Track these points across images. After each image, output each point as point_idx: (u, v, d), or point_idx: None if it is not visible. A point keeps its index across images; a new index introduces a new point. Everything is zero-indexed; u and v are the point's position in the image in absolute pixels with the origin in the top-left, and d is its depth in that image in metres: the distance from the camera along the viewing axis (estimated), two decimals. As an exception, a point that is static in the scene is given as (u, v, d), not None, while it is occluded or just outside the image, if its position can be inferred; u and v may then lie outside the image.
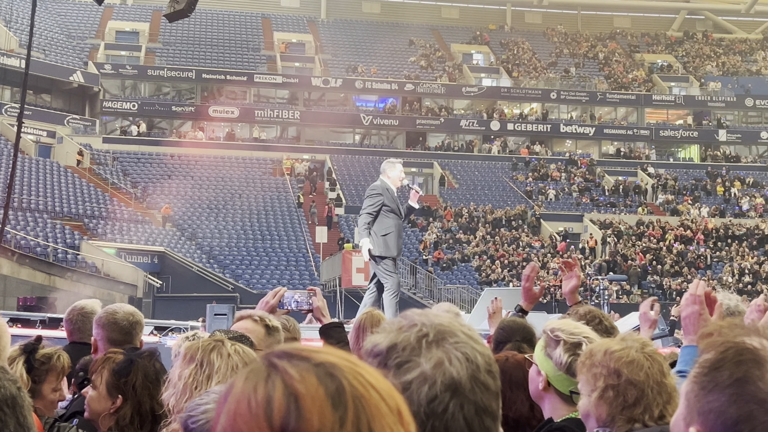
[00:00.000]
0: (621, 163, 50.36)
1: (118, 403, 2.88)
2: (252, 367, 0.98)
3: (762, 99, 53.09)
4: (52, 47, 48.36)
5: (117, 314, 3.85)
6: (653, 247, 41.11)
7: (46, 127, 44.72)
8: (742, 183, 48.28)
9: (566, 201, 45.61)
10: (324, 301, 4.56)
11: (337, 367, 0.96)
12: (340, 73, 52.03)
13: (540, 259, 39.24)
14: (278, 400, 0.93)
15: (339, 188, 44.61)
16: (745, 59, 58.46)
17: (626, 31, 61.30)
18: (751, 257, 40.86)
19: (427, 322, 1.31)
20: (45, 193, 38.12)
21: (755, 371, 1.11)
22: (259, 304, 4.52)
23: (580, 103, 53.53)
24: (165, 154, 45.48)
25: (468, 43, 58.04)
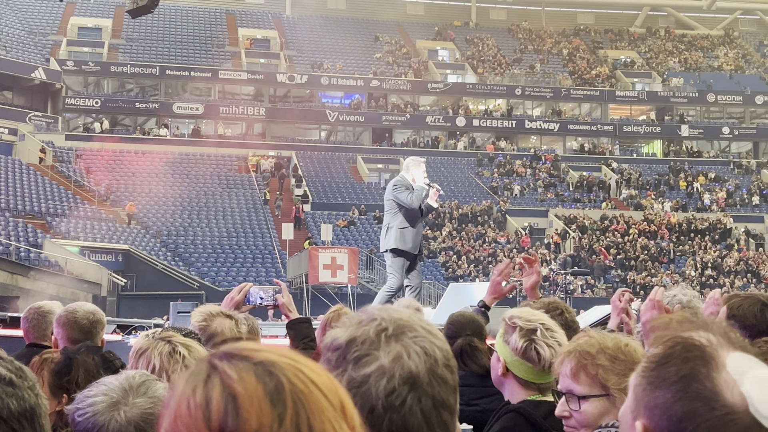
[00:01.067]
0: (585, 159, 50.75)
1: (64, 402, 2.86)
2: (193, 369, 0.99)
3: (723, 95, 53.75)
4: (14, 44, 47.72)
5: (77, 313, 3.82)
6: (617, 242, 41.51)
7: (8, 125, 44.13)
8: (705, 178, 48.87)
9: (531, 196, 45.90)
10: (290, 296, 4.55)
11: (277, 365, 0.97)
12: (306, 70, 51.88)
13: (506, 254, 39.45)
14: (216, 400, 0.93)
15: (305, 185, 44.51)
16: (706, 55, 59.14)
17: (590, 27, 61.76)
18: (713, 251, 41.40)
19: (387, 316, 1.32)
20: (7, 191, 37.62)
21: (701, 369, 1.11)
22: (225, 300, 4.50)
23: (544, 99, 53.85)
24: (129, 151, 45.07)
25: (433, 40, 58.14)
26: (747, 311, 2.86)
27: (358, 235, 40.24)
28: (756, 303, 2.88)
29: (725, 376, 1.10)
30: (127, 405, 1.99)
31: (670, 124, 52.90)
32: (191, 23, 55.69)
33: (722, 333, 1.17)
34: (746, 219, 44.69)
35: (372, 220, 42.14)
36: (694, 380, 1.11)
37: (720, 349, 1.14)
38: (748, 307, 2.87)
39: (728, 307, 2.92)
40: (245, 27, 56.30)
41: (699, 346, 1.14)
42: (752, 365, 1.12)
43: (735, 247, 42.13)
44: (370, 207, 42.93)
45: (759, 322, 2.82)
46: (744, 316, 2.85)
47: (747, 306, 2.88)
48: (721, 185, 48.21)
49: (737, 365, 1.11)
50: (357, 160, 48.42)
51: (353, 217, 41.78)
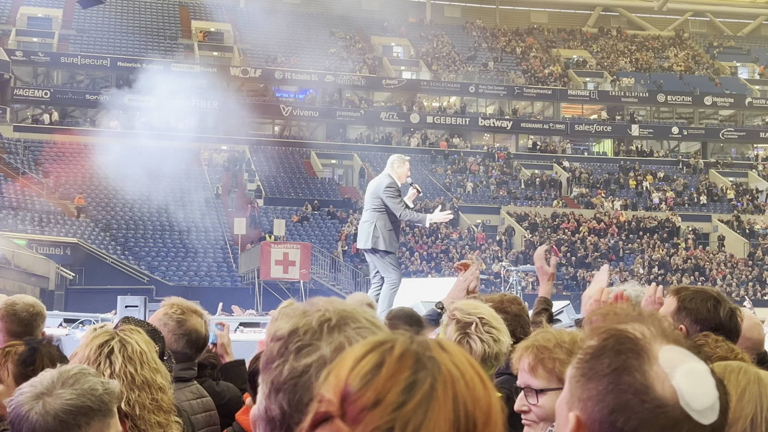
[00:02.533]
0: (537, 157, 51.20)
1: None
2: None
3: (673, 95, 54.56)
4: (-40, 32, 46.72)
5: (17, 305, 3.76)
6: (568, 239, 41.95)
7: (-47, 115, 43.21)
8: (654, 177, 49.58)
9: (484, 194, 46.18)
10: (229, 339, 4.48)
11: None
12: (260, 63, 51.56)
13: (458, 251, 39.67)
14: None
15: (258, 179, 44.26)
16: (657, 56, 59.98)
17: (543, 26, 62.28)
18: (662, 249, 42.05)
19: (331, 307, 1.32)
20: (-49, 182, 36.84)
21: (633, 361, 1.13)
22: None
23: (498, 97, 54.18)
24: (78, 143, 44.40)
25: (388, 36, 58.15)
26: (700, 305, 2.89)
27: (311, 231, 40.14)
28: (709, 298, 2.91)
29: (657, 369, 1.12)
30: (50, 396, 1.99)
31: (620, 123, 53.57)
32: (143, 15, 55.00)
33: (657, 325, 1.19)
34: (694, 218, 45.45)
35: (325, 216, 42.07)
36: (626, 373, 1.12)
37: (653, 342, 1.15)
38: (701, 301, 2.90)
39: (679, 299, 2.94)
40: (198, 20, 55.77)
41: (632, 338, 1.16)
42: (684, 358, 1.14)
43: (682, 245, 42.83)
44: (323, 202, 42.86)
45: (712, 317, 2.86)
46: (697, 310, 2.88)
47: (700, 300, 2.91)
48: (669, 184, 48.96)
49: (669, 358, 1.13)
50: (311, 155, 48.28)
51: (306, 213, 41.67)
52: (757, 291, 38.48)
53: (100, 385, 2.05)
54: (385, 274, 9.44)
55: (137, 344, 2.56)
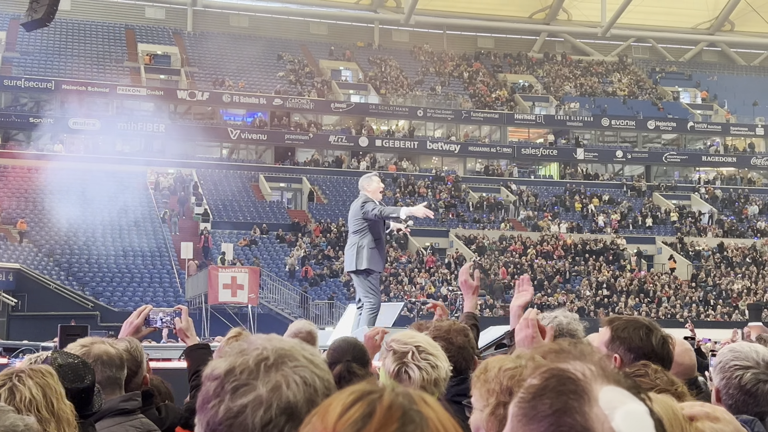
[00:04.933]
0: (485, 180, 51.64)
1: None
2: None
3: (617, 119, 55.51)
4: None
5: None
6: (516, 262, 42.29)
7: None
8: (599, 200, 50.29)
9: (433, 217, 46.31)
10: (190, 320, 4.46)
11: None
12: (207, 87, 51.32)
13: (407, 274, 39.74)
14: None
15: (206, 203, 43.91)
16: (601, 81, 61.03)
17: (490, 51, 63.03)
18: (607, 271, 42.59)
19: (269, 345, 1.31)
20: None
21: (574, 403, 1.12)
22: (124, 325, 4.38)
23: (446, 121, 54.61)
24: (21, 167, 43.65)
25: (336, 60, 58.36)
26: (632, 334, 2.95)
27: (259, 254, 39.89)
28: (641, 327, 2.98)
29: (597, 411, 1.11)
30: None
31: (566, 147, 54.32)
32: (89, 38, 54.45)
33: (597, 365, 1.19)
34: (638, 240, 46.15)
35: (274, 239, 41.86)
36: (566, 414, 1.12)
37: (594, 382, 1.15)
38: (633, 330, 2.96)
39: (612, 329, 2.99)
40: (145, 42, 55.39)
41: (573, 379, 1.15)
42: (624, 400, 1.14)
43: (627, 267, 43.44)
44: (272, 226, 42.66)
45: (644, 345, 2.91)
46: (630, 339, 2.94)
47: (632, 329, 2.97)
48: (614, 207, 49.69)
49: (609, 400, 1.13)
50: (259, 178, 48.08)
51: (255, 236, 41.42)
52: (701, 312, 39.13)
53: (21, 421, 1.99)
54: (365, 298, 9.47)
55: (29, 391, 2.47)
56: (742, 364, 2.97)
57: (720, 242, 46.47)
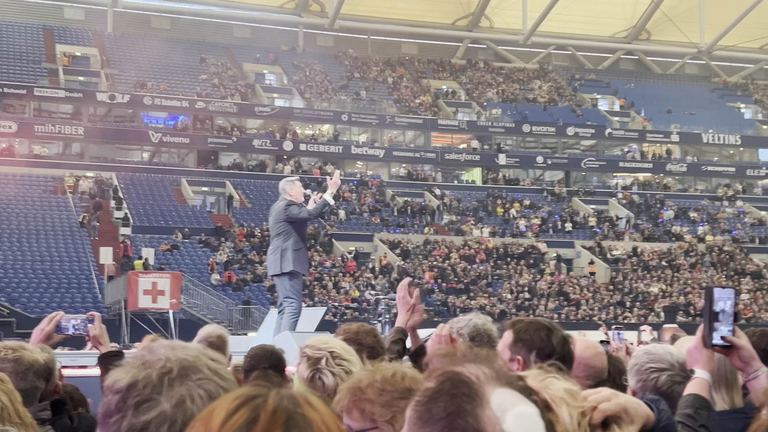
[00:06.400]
0: (409, 185, 51.88)
1: None
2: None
3: (538, 125, 56.38)
4: None
5: None
6: (439, 266, 42.61)
7: None
8: (520, 205, 51.01)
9: (357, 221, 46.43)
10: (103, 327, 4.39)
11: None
12: (128, 89, 50.41)
13: (332, 278, 39.68)
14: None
15: (126, 207, 43.11)
16: (522, 87, 61.93)
17: (413, 57, 63.40)
18: (528, 275, 43.22)
19: (173, 356, 1.29)
20: None
21: (467, 405, 1.16)
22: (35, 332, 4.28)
23: (370, 126, 54.72)
24: (-68, 169, 42.24)
25: (260, 63, 57.95)
26: (534, 336, 3.03)
27: (181, 259, 39.34)
28: (542, 328, 3.06)
29: (489, 413, 1.15)
30: None
31: (488, 152, 54.94)
32: (5, 38, 52.96)
33: (491, 367, 1.23)
34: (558, 244, 46.94)
35: (196, 244, 41.34)
36: (459, 417, 1.15)
37: (487, 385, 1.19)
38: (534, 331, 3.04)
39: (514, 331, 3.06)
40: (64, 44, 54.13)
41: (467, 382, 1.19)
42: (515, 402, 1.18)
43: (547, 270, 44.15)
44: (194, 230, 42.12)
45: (545, 346, 3.00)
46: (531, 340, 3.02)
47: (533, 330, 3.05)
48: (535, 212, 50.45)
49: (501, 402, 1.17)
50: (181, 182, 47.42)
51: (176, 241, 40.83)
52: (618, 315, 40.00)
53: None
54: (286, 303, 9.41)
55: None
56: (658, 366, 3.05)
57: (636, 246, 47.60)
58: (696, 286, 43.50)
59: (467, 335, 3.65)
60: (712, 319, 2.77)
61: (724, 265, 46.74)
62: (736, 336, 2.80)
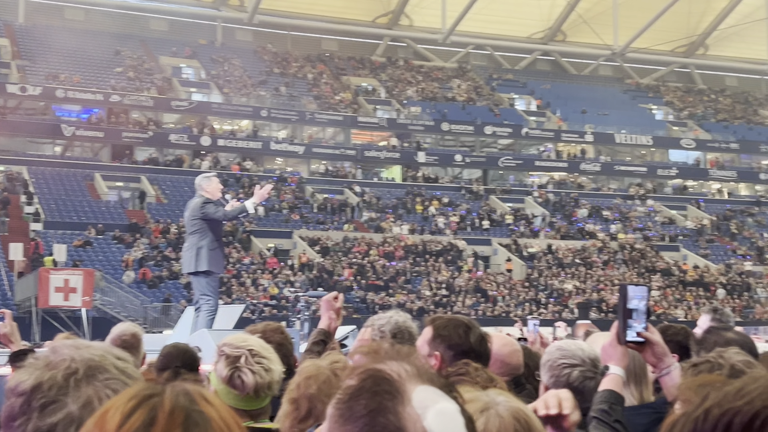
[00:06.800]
0: (329, 182, 51.83)
1: None
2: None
3: (456, 124, 56.95)
4: None
5: None
6: (359, 263, 42.68)
7: None
8: (439, 202, 51.46)
9: (276, 218, 46.16)
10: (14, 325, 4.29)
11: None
12: (40, 81, 49.07)
13: (250, 275, 39.37)
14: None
15: (37, 202, 41.98)
16: (442, 86, 62.46)
17: (333, 53, 63.32)
18: (447, 272, 43.65)
19: (78, 357, 1.25)
20: None
21: (388, 403, 1.15)
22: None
23: (290, 122, 54.45)
24: None
25: (178, 57, 57.08)
26: (452, 332, 3.06)
27: (94, 256, 38.51)
28: (460, 325, 3.10)
29: (410, 411, 1.14)
30: None
31: (408, 150, 55.26)
32: None
33: (413, 365, 1.22)
34: (476, 242, 47.53)
35: (110, 240, 40.53)
36: (381, 414, 1.14)
37: (408, 382, 1.17)
38: (453, 328, 3.07)
39: (434, 327, 3.09)
40: (-28, 32, 52.43)
41: (389, 379, 1.18)
42: (436, 399, 1.17)
43: (465, 267, 44.66)
44: (108, 226, 41.29)
45: (463, 343, 3.03)
46: (449, 337, 3.05)
47: (452, 327, 3.08)
48: (453, 210, 50.96)
49: (422, 399, 1.16)
50: (95, 177, 46.40)
51: (90, 237, 39.94)
52: (533, 311, 40.71)
53: None
54: (203, 300, 9.31)
55: None
56: (570, 362, 3.11)
57: (552, 244, 48.52)
58: (609, 283, 44.59)
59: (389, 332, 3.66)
60: (626, 317, 2.82)
61: (635, 263, 48.02)
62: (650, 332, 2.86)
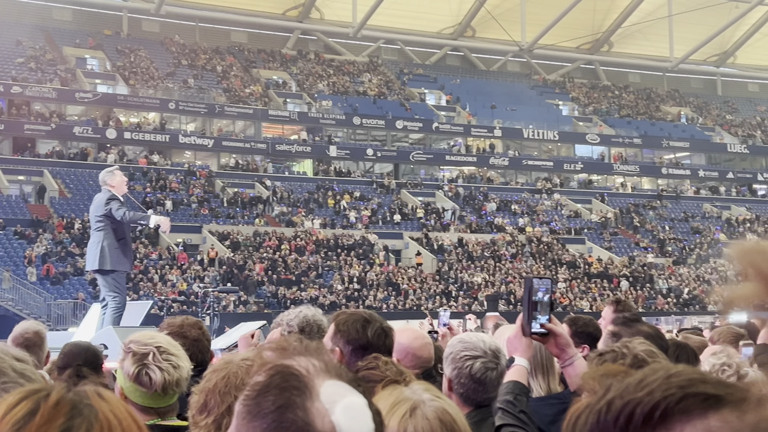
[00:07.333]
0: (239, 176, 51.31)
1: None
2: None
3: (367, 118, 57.08)
4: None
5: None
6: (270, 257, 42.41)
7: None
8: (351, 196, 51.52)
9: (185, 212, 45.49)
10: None
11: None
12: (-65, 71, 47.19)
13: (158, 271, 38.71)
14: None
15: (-67, 197, 40.42)
16: (353, 80, 62.49)
17: (243, 46, 62.66)
18: (358, 266, 43.75)
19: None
20: None
21: (297, 398, 1.15)
22: None
23: (199, 115, 53.68)
24: None
25: (82, 48, 55.62)
26: (351, 327, 3.09)
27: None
28: (359, 319, 3.13)
29: (318, 406, 1.15)
30: None
31: (319, 144, 55.13)
32: None
33: (321, 360, 1.22)
34: (387, 236, 47.77)
35: (12, 236, 39.30)
36: (289, 410, 1.14)
37: (316, 377, 1.18)
38: (352, 323, 3.10)
39: (336, 323, 3.12)
40: None
41: (297, 375, 1.18)
42: (344, 393, 1.18)
43: (377, 261, 44.85)
44: (9, 221, 40.04)
45: (361, 337, 3.06)
46: (348, 332, 3.08)
47: (351, 322, 3.11)
48: (365, 204, 51.10)
49: (330, 394, 1.16)
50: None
51: (-10, 233, 38.65)
52: (443, 303, 41.16)
53: None
54: (109, 297, 9.10)
55: None
56: (472, 354, 3.16)
57: (462, 237, 49.13)
58: (517, 276, 45.40)
59: (296, 327, 3.66)
60: (531, 309, 2.87)
61: (542, 256, 49.01)
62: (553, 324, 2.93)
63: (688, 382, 0.80)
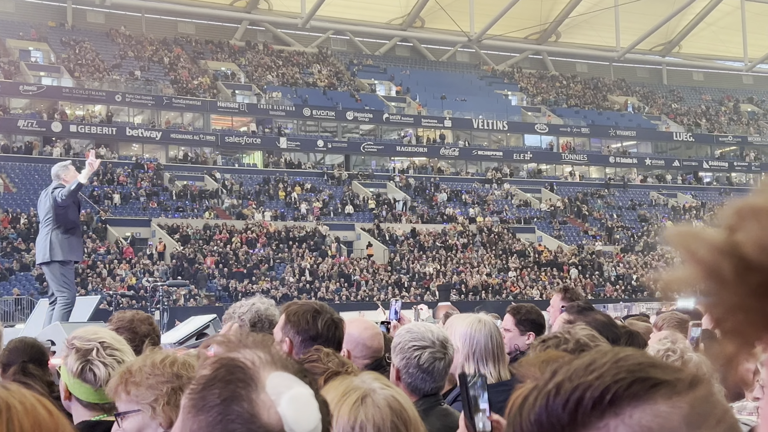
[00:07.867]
0: (188, 168, 50.82)
1: None
2: None
3: (318, 109, 56.89)
4: None
5: None
6: (221, 251, 42.13)
7: None
8: (302, 188, 51.35)
9: (133, 206, 44.95)
10: None
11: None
12: None
13: (107, 265, 38.23)
14: None
15: None
16: (302, 71, 62.20)
17: (191, 37, 61.98)
18: (310, 258, 43.66)
19: None
20: None
21: (242, 391, 1.15)
22: None
23: (146, 107, 53.02)
24: None
25: (25, 40, 54.54)
26: (301, 318, 3.11)
27: (-63, 249, 36.51)
28: (309, 311, 3.15)
29: (264, 397, 1.14)
30: None
31: (269, 136, 54.82)
32: None
33: (267, 352, 1.22)
34: (339, 227, 47.72)
35: (-46, 232, 38.50)
36: (234, 402, 1.14)
37: (262, 369, 1.18)
38: (302, 314, 3.12)
39: (286, 314, 3.14)
40: None
41: (242, 367, 1.17)
42: (290, 384, 1.18)
43: (329, 253, 44.80)
44: (-48, 218, 39.20)
45: (310, 328, 3.08)
46: (298, 322, 3.10)
47: (302, 313, 3.13)
48: (316, 195, 50.98)
49: (275, 385, 1.16)
50: (-64, 166, 43.90)
51: (-68, 229, 37.83)
52: (396, 294, 41.28)
53: None
54: (58, 292, 8.93)
55: None
56: (420, 344, 3.17)
57: (413, 228, 49.27)
58: (468, 265, 45.69)
59: (248, 322, 3.66)
60: (472, 410, 2.42)
61: (493, 245, 49.38)
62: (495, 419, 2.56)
63: (637, 366, 0.81)
